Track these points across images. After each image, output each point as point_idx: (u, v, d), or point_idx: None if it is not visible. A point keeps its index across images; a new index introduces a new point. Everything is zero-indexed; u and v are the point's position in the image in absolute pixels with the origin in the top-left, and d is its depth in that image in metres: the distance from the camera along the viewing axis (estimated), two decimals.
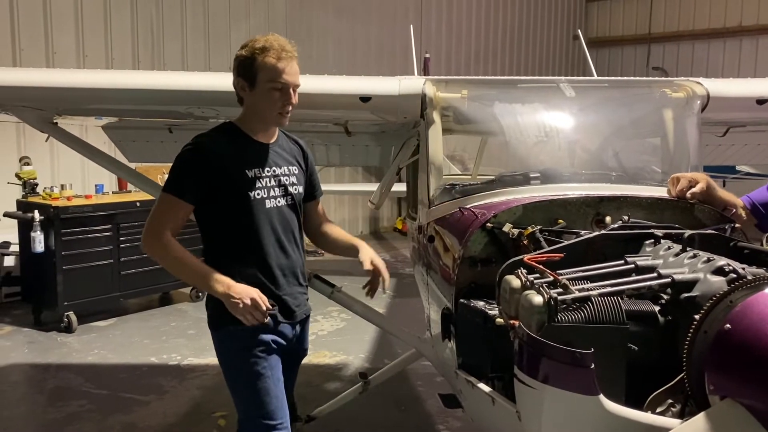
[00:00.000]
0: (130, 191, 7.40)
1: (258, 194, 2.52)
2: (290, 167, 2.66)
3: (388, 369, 4.20)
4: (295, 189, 2.66)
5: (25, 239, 6.57)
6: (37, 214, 6.39)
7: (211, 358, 5.77)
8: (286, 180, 2.62)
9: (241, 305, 2.40)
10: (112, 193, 7.45)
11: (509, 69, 15.26)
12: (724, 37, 15.61)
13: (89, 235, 6.66)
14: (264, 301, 2.44)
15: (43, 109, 3.48)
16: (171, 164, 2.59)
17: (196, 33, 9.44)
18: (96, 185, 7.39)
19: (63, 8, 7.99)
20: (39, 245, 6.37)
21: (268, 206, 2.55)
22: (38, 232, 6.37)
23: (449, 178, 4.63)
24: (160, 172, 7.71)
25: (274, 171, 2.59)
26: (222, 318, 2.52)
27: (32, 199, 6.79)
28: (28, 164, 7.14)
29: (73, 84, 3.23)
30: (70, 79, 3.32)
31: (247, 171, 2.52)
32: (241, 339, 2.55)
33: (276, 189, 2.58)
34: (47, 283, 6.52)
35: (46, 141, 3.94)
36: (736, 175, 9.96)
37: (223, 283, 2.43)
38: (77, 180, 7.70)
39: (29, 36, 7.71)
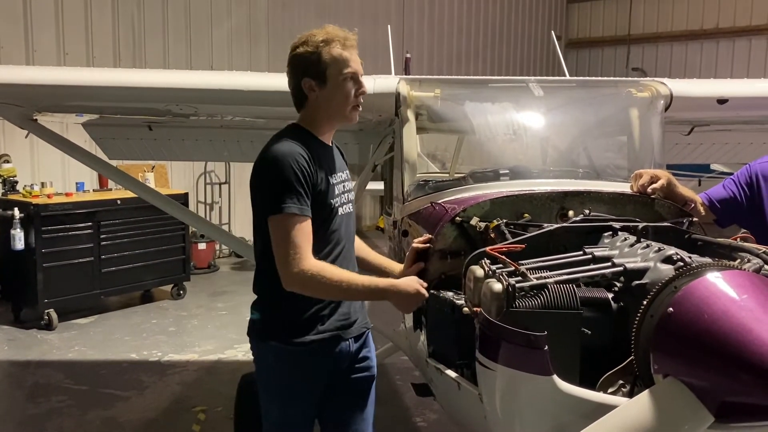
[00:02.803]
0: (110, 189, 7.42)
1: (336, 201, 2.35)
2: (346, 172, 2.50)
3: None
4: (353, 195, 2.53)
5: (4, 237, 6.55)
6: (17, 212, 6.39)
7: (192, 355, 5.85)
8: (347, 186, 2.47)
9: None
10: (93, 190, 7.47)
11: (491, 68, 15.39)
12: (702, 39, 15.88)
13: (70, 233, 6.68)
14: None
15: (22, 106, 3.52)
16: (151, 162, 2.53)
17: (178, 31, 9.44)
18: (76, 183, 7.40)
19: (43, 6, 7.97)
20: (19, 243, 6.38)
21: (340, 213, 2.38)
22: (18, 230, 6.37)
23: (428, 176, 4.73)
24: (141, 170, 7.75)
25: (340, 176, 2.43)
26: (267, 331, 2.37)
27: (12, 196, 6.79)
28: (7, 162, 7.13)
29: (53, 81, 3.27)
30: (50, 76, 3.36)
31: (328, 177, 2.32)
32: (283, 358, 2.36)
33: (343, 195, 2.42)
34: (27, 280, 6.52)
35: (26, 137, 3.98)
36: (711, 174, 10.22)
37: (395, 288, 2.28)
38: (57, 178, 7.70)
39: (9, 33, 7.69)
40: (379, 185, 6.34)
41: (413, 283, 2.32)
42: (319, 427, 2.59)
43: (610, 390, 1.76)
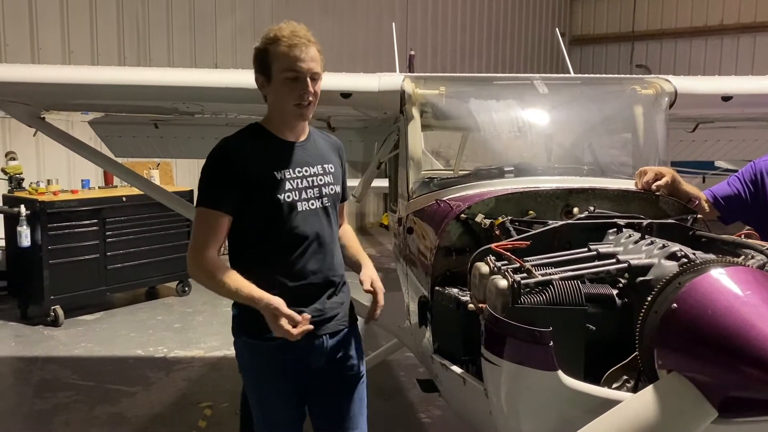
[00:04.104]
0: (116, 186, 7.46)
1: (288, 197, 2.32)
2: (325, 165, 2.46)
3: (371, 359, 4.29)
4: (331, 189, 2.46)
5: (11, 234, 6.60)
6: (23, 209, 6.43)
7: (197, 351, 5.88)
8: (320, 180, 2.42)
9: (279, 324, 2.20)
10: (98, 188, 7.50)
11: (494, 66, 15.39)
12: (706, 36, 15.86)
13: (75, 230, 6.72)
14: (292, 317, 2.21)
15: (30, 104, 3.55)
16: (156, 160, 2.56)
17: (182, 29, 9.47)
18: (82, 180, 7.44)
19: (48, 4, 8.00)
20: (25, 240, 6.42)
21: (299, 209, 2.35)
22: (24, 227, 6.41)
23: (433, 173, 4.75)
24: (146, 168, 7.78)
25: (306, 171, 2.39)
26: (240, 326, 2.42)
27: (18, 194, 6.83)
28: (14, 159, 7.17)
29: (62, 80, 3.30)
30: (59, 75, 3.39)
31: (275, 173, 2.32)
32: (256, 353, 2.40)
33: (309, 191, 2.38)
34: (34, 277, 6.57)
35: (34, 135, 4.01)
36: (715, 171, 10.20)
37: (264, 302, 2.23)
38: (63, 175, 7.74)
39: (14, 32, 7.72)
40: (383, 182, 6.36)
41: (271, 311, 2.21)
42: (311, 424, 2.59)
43: (614, 385, 1.78)
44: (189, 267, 2.32)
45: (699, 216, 2.56)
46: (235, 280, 2.25)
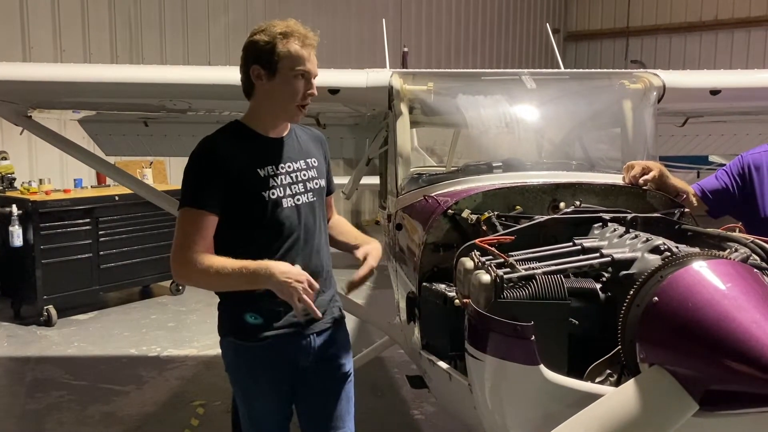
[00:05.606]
0: (108, 185, 7.43)
1: (273, 194, 2.30)
2: (308, 160, 2.44)
3: (363, 355, 4.29)
4: (316, 183, 2.44)
5: (3, 234, 6.57)
6: (15, 209, 6.40)
7: (191, 350, 5.87)
8: (304, 175, 2.40)
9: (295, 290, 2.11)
10: (91, 187, 7.48)
11: (489, 62, 15.37)
12: (701, 31, 15.88)
13: (68, 229, 6.70)
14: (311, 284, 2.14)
15: (16, 103, 3.53)
16: (149, 158, 2.50)
17: (175, 27, 9.43)
18: (75, 179, 7.41)
19: (40, 3, 7.96)
20: (17, 239, 6.39)
21: (284, 206, 2.32)
22: (16, 227, 6.38)
23: (424, 169, 4.74)
24: (139, 167, 7.76)
25: (290, 167, 2.37)
26: (223, 326, 2.41)
27: (10, 193, 6.80)
28: (5, 159, 7.14)
29: (44, 77, 3.28)
30: (41, 73, 3.37)
31: (258, 170, 2.30)
32: (242, 354, 2.37)
33: (293, 186, 2.36)
34: (26, 277, 6.54)
35: (21, 134, 3.99)
36: (710, 166, 10.23)
37: (267, 272, 2.14)
38: (56, 174, 7.70)
39: (5, 31, 7.67)
40: (378, 180, 6.34)
41: (288, 269, 2.15)
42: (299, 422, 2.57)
43: (597, 379, 1.78)
44: (177, 270, 2.26)
45: (686, 210, 2.56)
46: (232, 261, 2.17)
